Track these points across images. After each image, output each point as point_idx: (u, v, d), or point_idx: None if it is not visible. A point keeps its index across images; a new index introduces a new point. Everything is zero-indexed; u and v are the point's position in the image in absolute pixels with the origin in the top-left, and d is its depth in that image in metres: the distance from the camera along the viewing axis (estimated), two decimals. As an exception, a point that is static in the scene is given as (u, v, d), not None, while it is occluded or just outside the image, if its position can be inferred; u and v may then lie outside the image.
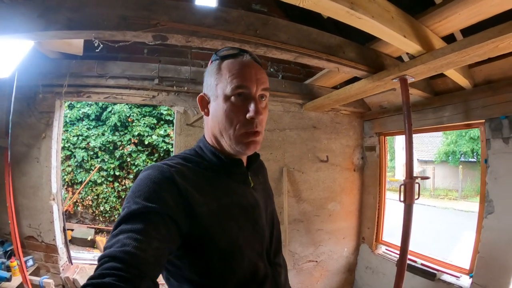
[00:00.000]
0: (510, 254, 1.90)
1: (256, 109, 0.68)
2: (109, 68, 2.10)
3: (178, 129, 2.42)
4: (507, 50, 1.39)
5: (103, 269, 0.48)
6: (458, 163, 13.47)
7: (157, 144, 5.63)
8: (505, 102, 1.98)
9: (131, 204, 0.58)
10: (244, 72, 0.69)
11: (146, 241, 0.53)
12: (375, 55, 2.04)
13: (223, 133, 0.71)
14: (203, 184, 0.68)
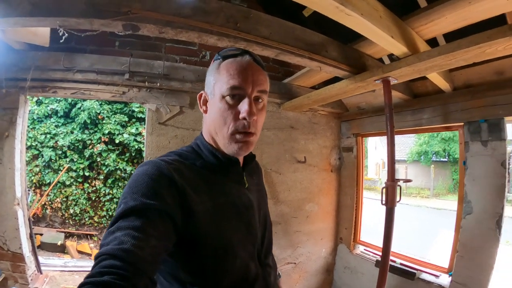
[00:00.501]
0: (489, 253, 1.94)
1: (249, 110, 0.67)
2: (77, 61, 1.88)
3: (149, 128, 2.24)
4: (493, 55, 1.40)
5: (101, 267, 0.47)
6: (430, 162, 14.30)
7: (129, 143, 5.35)
8: (484, 106, 2.02)
9: (128, 200, 0.57)
10: (241, 72, 0.69)
11: (144, 239, 0.52)
12: (357, 55, 2.00)
13: (217, 132, 0.72)
14: (199, 183, 0.68)
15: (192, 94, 2.31)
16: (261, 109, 0.73)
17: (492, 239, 1.91)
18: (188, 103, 2.32)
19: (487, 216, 1.95)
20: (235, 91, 0.68)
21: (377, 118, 2.85)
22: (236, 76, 0.68)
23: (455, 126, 2.31)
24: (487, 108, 1.99)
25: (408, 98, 2.51)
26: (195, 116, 2.35)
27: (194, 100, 2.33)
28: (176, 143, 2.26)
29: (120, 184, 5.52)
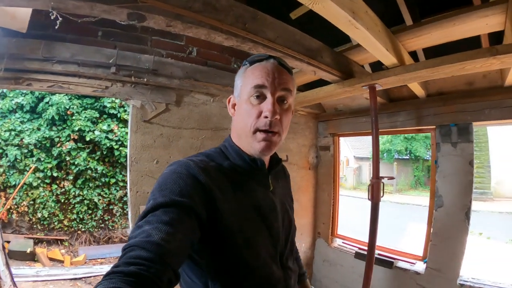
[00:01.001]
0: (459, 241, 2.16)
1: (271, 109, 0.68)
2: (57, 50, 1.67)
3: (134, 126, 2.08)
4: (471, 71, 1.58)
5: (127, 258, 0.48)
6: (392, 160, 15.01)
7: (100, 140, 4.99)
8: (454, 112, 2.25)
9: (157, 197, 0.59)
10: (265, 73, 0.71)
11: (171, 233, 0.53)
12: (346, 62, 2.09)
13: (242, 132, 0.74)
14: (225, 183, 0.69)
15: (178, 91, 2.21)
16: (286, 109, 0.74)
17: (462, 229, 2.15)
18: (175, 101, 2.22)
19: (457, 209, 2.18)
20: (258, 90, 0.70)
21: (353, 119, 3.01)
22: (260, 76, 0.71)
23: (428, 129, 2.53)
24: (457, 114, 2.22)
25: (385, 102, 2.69)
26: (181, 114, 2.25)
27: (180, 97, 2.23)
28: (162, 142, 2.15)
29: (91, 185, 5.13)
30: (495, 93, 2.03)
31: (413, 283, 2.38)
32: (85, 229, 5.27)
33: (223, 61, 2.43)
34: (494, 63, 1.43)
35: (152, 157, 2.09)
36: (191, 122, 2.27)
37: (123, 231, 5.53)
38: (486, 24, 1.47)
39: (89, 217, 5.26)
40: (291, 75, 0.76)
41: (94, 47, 1.81)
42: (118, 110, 5.05)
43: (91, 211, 5.26)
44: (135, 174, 2.00)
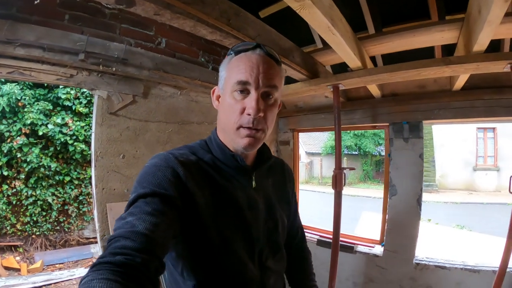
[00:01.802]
0: (412, 225, 2.41)
1: (255, 106, 0.65)
2: (21, 32, 1.44)
3: (99, 118, 1.90)
4: (425, 77, 1.78)
5: (113, 248, 0.48)
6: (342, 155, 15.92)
7: (53, 135, 4.47)
8: (406, 112, 2.48)
9: (138, 189, 0.60)
10: (248, 67, 0.66)
11: (155, 223, 0.53)
12: (312, 62, 2.19)
13: (226, 127, 0.71)
14: (203, 178, 0.68)
15: (146, 82, 2.08)
16: (271, 105, 0.70)
17: (414, 214, 2.40)
18: (142, 92, 2.08)
19: (409, 196, 2.42)
20: (242, 86, 0.66)
21: (313, 116, 3.12)
22: (243, 70, 0.66)
23: (382, 126, 2.74)
24: (409, 113, 2.46)
25: (343, 101, 2.84)
26: (148, 106, 2.13)
27: (148, 89, 2.11)
28: (128, 135, 2.01)
29: (44, 184, 4.58)
30: (444, 96, 2.29)
31: (373, 265, 2.59)
32: (39, 232, 4.73)
33: (191, 54, 2.35)
34: (446, 71, 1.62)
35: (119, 152, 1.94)
36: (158, 115, 2.16)
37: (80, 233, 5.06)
38: (442, 37, 1.67)
39: (43, 219, 4.72)
40: (279, 66, 0.72)
41: (61, 31, 1.62)
42: (73, 102, 4.57)
43: (45, 213, 4.73)
44: (101, 169, 1.85)
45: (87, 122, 4.72)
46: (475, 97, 2.17)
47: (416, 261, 2.39)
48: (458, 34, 1.61)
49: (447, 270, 2.28)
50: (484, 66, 1.52)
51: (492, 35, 1.29)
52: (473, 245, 4.38)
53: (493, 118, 2.21)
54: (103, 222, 1.79)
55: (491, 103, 2.12)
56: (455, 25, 1.56)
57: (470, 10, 1.35)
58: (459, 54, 1.66)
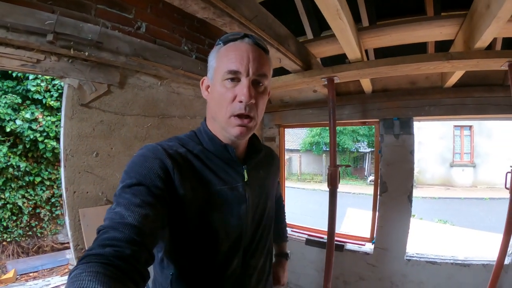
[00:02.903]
0: (404, 222, 2.37)
1: (246, 92, 0.64)
2: None
3: (69, 111, 1.63)
4: (424, 71, 1.74)
5: (102, 240, 0.47)
6: (321, 151, 15.77)
7: (22, 132, 4.03)
8: (397, 108, 2.42)
9: (125, 179, 0.59)
10: (240, 56, 0.66)
11: (144, 214, 0.52)
12: (306, 53, 2.06)
13: (217, 116, 0.70)
14: (193, 169, 0.67)
15: (123, 70, 1.83)
16: (261, 92, 0.70)
17: (405, 211, 2.36)
18: (118, 81, 1.82)
19: (400, 193, 2.37)
20: (232, 76, 0.66)
21: (299, 111, 3.02)
22: (234, 59, 0.66)
23: (372, 122, 2.67)
24: (400, 109, 2.40)
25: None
26: (125, 98, 1.88)
27: (124, 78, 1.86)
28: (102, 130, 1.75)
29: (13, 186, 4.13)
30: (435, 92, 2.25)
31: (363, 263, 2.53)
32: (10, 239, 4.31)
33: (173, 42, 2.13)
34: (446, 66, 1.58)
35: (91, 149, 1.69)
36: (136, 107, 1.93)
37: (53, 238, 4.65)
38: (441, 33, 1.62)
39: (14, 224, 4.29)
40: (267, 55, 0.72)
41: (27, 8, 1.38)
42: (44, 95, 4.14)
43: (16, 217, 4.30)
44: (71, 170, 1.60)
45: (58, 117, 4.31)
46: (465, 95, 2.15)
47: (407, 257, 2.36)
48: (457, 30, 1.58)
49: (438, 265, 2.26)
50: (484, 63, 1.49)
51: (497, 32, 1.26)
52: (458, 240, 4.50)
53: (483, 116, 2.22)
54: (75, 230, 1.55)
55: (482, 100, 2.12)
56: (455, 20, 1.52)
57: (475, 7, 1.31)
58: (456, 50, 1.63)
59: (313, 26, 2.33)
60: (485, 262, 2.15)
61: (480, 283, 2.01)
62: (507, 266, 2.04)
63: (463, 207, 8.91)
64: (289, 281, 3.07)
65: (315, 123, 3.07)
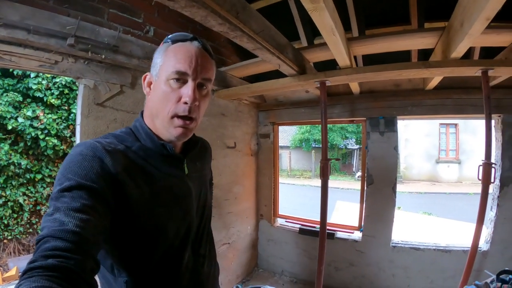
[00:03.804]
0: (388, 211, 2.57)
1: (192, 94, 0.65)
2: (3, 10, 1.28)
3: (85, 109, 1.74)
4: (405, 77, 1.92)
5: (44, 250, 0.43)
6: (310, 148, 15.95)
7: (23, 129, 3.98)
8: (382, 107, 2.62)
9: (63, 181, 0.53)
10: (188, 58, 0.66)
11: (85, 219, 0.48)
12: (301, 59, 2.21)
13: (158, 115, 0.68)
14: (135, 167, 0.64)
15: (134, 72, 1.94)
16: (204, 95, 0.70)
17: (390, 201, 2.56)
18: (130, 82, 1.94)
19: (385, 185, 2.57)
20: (179, 76, 0.65)
21: (293, 110, 3.17)
22: (182, 60, 0.65)
23: (359, 120, 2.87)
24: (385, 109, 2.60)
25: None
26: (136, 97, 2.00)
27: (135, 80, 1.97)
28: (115, 128, 1.83)
29: (14, 183, 4.06)
30: (417, 94, 2.45)
31: (353, 250, 2.72)
32: (11, 236, 4.23)
33: None
34: (425, 73, 1.77)
35: None
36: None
37: None
38: (422, 42, 1.81)
39: (14, 221, 4.22)
40: (213, 60, 0.73)
41: (48, 12, 1.45)
42: (45, 93, 4.12)
43: (17, 215, 4.23)
44: None
45: (59, 114, 4.31)
46: (445, 96, 2.36)
47: (392, 244, 2.56)
48: (436, 40, 1.75)
49: (421, 251, 2.47)
50: (459, 70, 1.68)
51: (469, 45, 1.44)
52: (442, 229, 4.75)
53: (461, 115, 2.42)
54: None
55: (460, 101, 2.33)
56: (435, 33, 1.70)
57: (452, 23, 1.47)
58: (436, 58, 1.81)
59: (307, 32, 2.48)
60: (465, 249, 2.35)
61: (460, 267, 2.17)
62: (486, 252, 2.28)
63: (448, 202, 9.11)
64: (284, 269, 3.25)
65: (307, 121, 3.25)
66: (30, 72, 3.99)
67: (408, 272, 2.52)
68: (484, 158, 1.74)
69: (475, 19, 1.12)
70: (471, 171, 11.21)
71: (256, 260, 3.49)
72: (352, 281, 2.78)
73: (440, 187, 11.47)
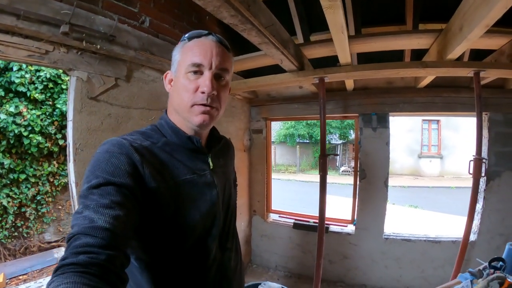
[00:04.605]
0: (381, 204, 2.62)
1: (209, 84, 0.66)
2: None
3: (78, 104, 1.58)
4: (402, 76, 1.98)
5: (75, 247, 0.44)
6: (295, 143, 16.05)
7: (6, 126, 3.71)
8: (375, 104, 2.66)
9: (91, 179, 0.54)
10: (203, 50, 0.68)
11: (114, 215, 0.49)
12: (301, 55, 2.19)
13: (179, 107, 0.70)
14: (161, 161, 0.65)
15: (130, 64, 1.84)
16: (223, 86, 0.72)
17: (382, 194, 2.61)
18: (125, 75, 1.81)
19: (377, 179, 2.63)
20: (196, 69, 0.67)
21: (286, 105, 3.15)
22: (198, 53, 0.67)
23: (352, 116, 2.90)
24: (378, 105, 2.64)
25: (315, 92, 2.88)
26: (131, 91, 1.88)
27: (131, 72, 1.86)
28: (110, 123, 1.73)
29: None
30: (409, 91, 2.51)
31: (346, 243, 2.77)
32: None
33: (174, 37, 2.15)
34: (421, 72, 1.82)
35: (100, 143, 1.67)
36: (141, 101, 1.93)
37: (40, 237, 4.31)
38: (418, 43, 1.85)
39: None
40: (230, 53, 0.73)
41: None
42: (28, 87, 3.86)
43: (1, 218, 3.95)
44: (81, 164, 1.56)
45: (43, 110, 4.05)
46: (435, 94, 2.43)
47: (384, 236, 2.63)
48: (432, 42, 1.80)
49: (412, 243, 2.55)
50: (453, 71, 1.74)
51: (466, 48, 1.49)
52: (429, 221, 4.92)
53: (450, 113, 2.52)
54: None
55: (449, 100, 2.41)
56: (431, 34, 1.75)
57: (450, 26, 1.52)
58: (430, 58, 1.86)
59: (304, 28, 2.47)
60: (454, 239, 2.46)
61: (450, 257, 2.29)
62: (474, 242, 2.38)
63: (431, 195, 9.25)
64: (278, 264, 3.25)
65: (300, 116, 3.22)
66: (13, 65, 3.72)
67: (400, 263, 2.59)
68: (475, 153, 1.80)
69: (476, 25, 1.17)
70: (453, 165, 11.83)
71: (250, 256, 3.47)
72: (346, 273, 2.82)
73: (422, 181, 11.76)
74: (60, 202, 4.54)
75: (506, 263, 1.29)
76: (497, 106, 2.32)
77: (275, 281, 2.99)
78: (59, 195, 4.44)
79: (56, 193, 4.36)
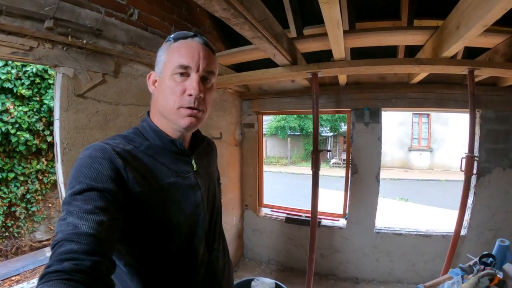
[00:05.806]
0: (372, 199, 2.63)
1: (195, 86, 0.65)
2: None
3: (64, 102, 1.50)
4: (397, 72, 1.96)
5: (59, 254, 0.44)
6: (286, 135, 15.97)
7: None
8: (367, 99, 2.64)
9: (74, 185, 0.54)
10: (190, 52, 0.67)
11: (98, 221, 0.49)
12: (294, 49, 2.15)
13: (165, 109, 0.69)
14: (144, 165, 0.64)
15: (118, 59, 1.75)
16: (209, 88, 0.71)
17: (373, 189, 2.62)
18: (113, 71, 1.73)
19: (369, 174, 2.63)
20: (183, 70, 0.66)
21: (277, 99, 3.10)
22: (185, 55, 0.66)
23: (345, 111, 2.87)
24: (370, 101, 2.62)
25: (308, 86, 2.84)
26: (119, 87, 1.79)
27: (118, 68, 1.77)
28: (98, 121, 1.66)
29: None
30: (402, 87, 2.50)
31: (338, 237, 2.78)
32: None
33: (164, 30, 2.07)
34: (416, 69, 1.79)
35: (88, 141, 1.59)
36: (129, 97, 1.86)
37: (31, 237, 4.20)
38: (413, 39, 1.82)
39: None
40: (215, 55, 0.73)
41: None
42: (15, 84, 3.70)
43: None
44: (70, 164, 1.50)
45: (31, 106, 3.89)
46: (428, 90, 2.42)
47: (376, 230, 2.65)
48: (427, 38, 1.78)
49: (403, 237, 2.58)
50: (448, 68, 1.73)
51: (462, 47, 1.47)
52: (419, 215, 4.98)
53: (443, 109, 2.51)
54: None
55: (441, 96, 2.41)
56: (427, 31, 1.73)
57: (447, 24, 1.49)
58: (425, 55, 1.84)
59: (297, 22, 2.42)
60: (444, 233, 2.50)
61: (440, 251, 2.33)
62: (464, 236, 2.42)
63: (421, 188, 9.32)
64: (270, 258, 3.26)
65: (292, 110, 3.18)
66: (-2, 60, 3.55)
67: (391, 256, 2.63)
68: (468, 151, 1.80)
69: (473, 25, 1.15)
70: (442, 159, 12.03)
71: (242, 250, 3.46)
72: (338, 266, 2.85)
73: (412, 173, 11.95)
74: (50, 200, 4.42)
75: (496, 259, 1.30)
76: (489, 104, 2.34)
77: (268, 275, 3.00)
78: (49, 192, 4.33)
79: (45, 191, 4.25)
